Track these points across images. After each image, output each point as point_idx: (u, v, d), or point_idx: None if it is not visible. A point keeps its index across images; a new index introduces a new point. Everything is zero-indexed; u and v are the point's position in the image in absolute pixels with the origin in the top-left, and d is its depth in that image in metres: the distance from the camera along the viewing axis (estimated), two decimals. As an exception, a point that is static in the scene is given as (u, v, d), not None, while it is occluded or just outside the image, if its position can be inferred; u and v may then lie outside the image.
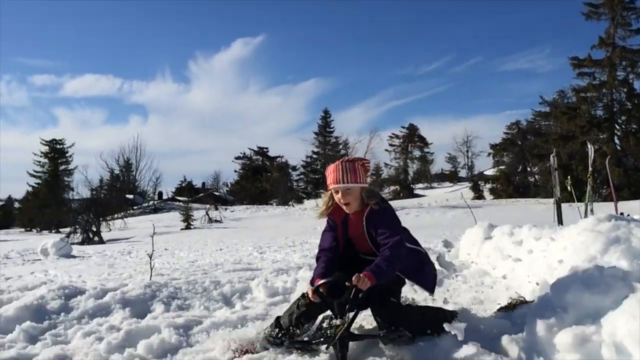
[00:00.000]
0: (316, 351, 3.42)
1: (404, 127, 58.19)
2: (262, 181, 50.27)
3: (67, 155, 50.41)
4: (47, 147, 49.78)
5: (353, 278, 3.25)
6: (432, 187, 55.08)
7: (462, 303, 4.64)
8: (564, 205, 10.16)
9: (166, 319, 4.63)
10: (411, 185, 53.76)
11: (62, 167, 50.02)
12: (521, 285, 4.86)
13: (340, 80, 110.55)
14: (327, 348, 3.31)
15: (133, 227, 35.11)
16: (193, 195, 54.46)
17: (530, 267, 5.00)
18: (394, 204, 35.84)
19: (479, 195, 44.87)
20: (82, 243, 24.95)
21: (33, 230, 40.01)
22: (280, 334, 3.55)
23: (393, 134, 57.89)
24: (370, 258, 3.59)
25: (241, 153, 60.96)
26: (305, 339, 3.53)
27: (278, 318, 3.72)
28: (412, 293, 4.63)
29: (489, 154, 53.36)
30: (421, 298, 4.53)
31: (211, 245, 17.58)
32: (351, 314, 3.32)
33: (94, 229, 27.31)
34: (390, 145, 56.61)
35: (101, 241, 25.71)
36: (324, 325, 3.70)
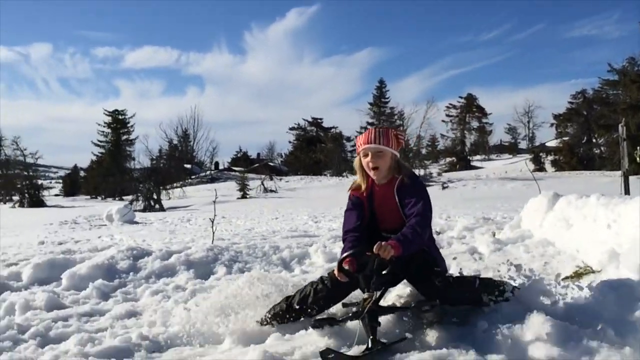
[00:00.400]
0: (343, 328, 3.18)
1: (461, 97, 56.81)
2: (316, 152, 50.45)
3: (129, 125, 52.08)
4: (109, 118, 51.54)
5: (375, 247, 3.01)
6: (490, 159, 53.71)
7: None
8: (631, 178, 9.71)
9: (228, 280, 4.76)
10: (468, 157, 52.57)
11: (124, 137, 51.72)
12: (588, 255, 4.70)
13: (396, 49, 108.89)
14: (359, 320, 3.03)
15: (191, 195, 36.12)
16: (248, 166, 55.32)
17: (597, 237, 4.82)
18: (449, 175, 35.35)
19: (539, 168, 43.43)
20: (143, 210, 25.88)
21: (98, 197, 41.82)
22: (288, 315, 3.39)
23: (450, 104, 56.64)
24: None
25: (295, 124, 61.25)
26: (332, 317, 3.30)
27: (288, 298, 3.50)
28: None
29: (552, 124, 51.37)
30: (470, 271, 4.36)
31: (267, 214, 17.88)
32: (378, 287, 3.07)
33: (155, 197, 28.25)
34: (447, 116, 55.47)
35: (162, 209, 26.60)
36: (351, 302, 3.40)
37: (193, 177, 51.52)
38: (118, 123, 51.37)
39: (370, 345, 2.84)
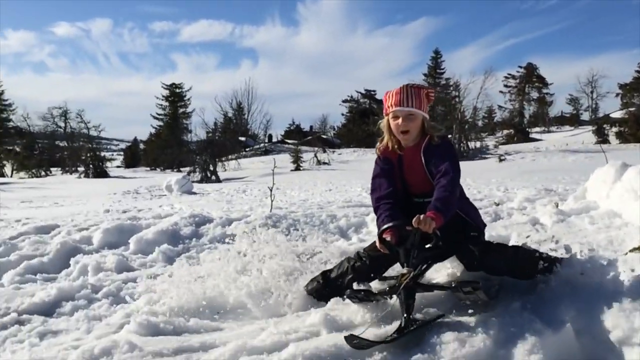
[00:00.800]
0: (379, 302, 3.02)
1: (521, 67, 54.86)
2: (369, 124, 50.02)
3: (186, 98, 53.19)
4: (167, 91, 52.77)
5: (413, 220, 2.80)
6: (549, 131, 51.74)
7: (590, 244, 4.42)
8: None
9: (287, 247, 4.84)
10: (527, 129, 50.90)
11: (181, 110, 52.91)
12: (658, 227, 4.51)
13: (452, 18, 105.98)
14: (390, 298, 2.90)
15: (245, 167, 36.72)
16: (301, 138, 55.57)
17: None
18: (506, 148, 34.40)
19: (603, 140, 41.59)
20: (200, 181, 26.56)
21: (157, 169, 43.14)
22: (325, 291, 3.32)
23: (509, 74, 54.79)
24: (427, 200, 3.05)
25: (348, 96, 60.85)
26: (368, 289, 3.16)
27: (325, 273, 3.45)
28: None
29: (617, 94, 49.05)
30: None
31: (320, 186, 18.01)
32: (419, 263, 2.92)
33: (211, 169, 28.88)
34: (506, 86, 53.75)
35: (218, 180, 27.22)
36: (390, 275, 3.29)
37: (247, 149, 52.28)
38: (175, 96, 52.52)
39: (403, 324, 2.68)
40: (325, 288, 3.34)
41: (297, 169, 32.64)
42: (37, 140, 50.30)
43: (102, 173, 34.84)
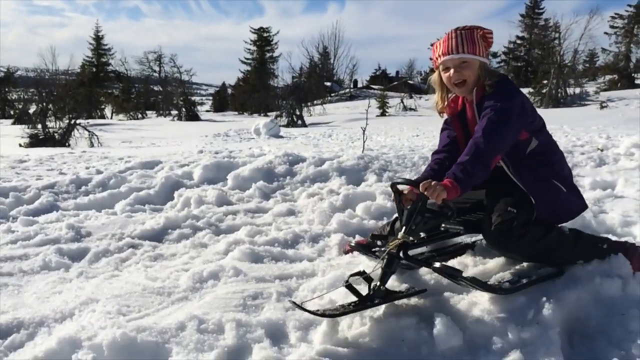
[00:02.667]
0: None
1: (630, 6, 50.11)
2: (458, 69, 48.18)
3: (273, 43, 53.46)
4: (255, 36, 53.24)
5: (421, 185, 2.45)
6: (658, 77, 47.60)
7: None
8: None
9: (379, 187, 4.87)
10: (632, 75, 47.02)
11: (268, 54, 53.34)
12: None
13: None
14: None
15: (331, 113, 36.75)
16: (387, 84, 54.59)
17: None
18: (609, 94, 32.05)
19: None
20: (287, 126, 26.93)
21: (244, 113, 44.14)
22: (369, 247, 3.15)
23: (616, 13, 50.09)
24: (498, 165, 2.71)
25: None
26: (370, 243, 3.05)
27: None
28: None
29: None
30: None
31: (407, 132, 17.76)
32: (414, 232, 2.58)
33: (297, 113, 29.16)
34: (611, 27, 49.34)
35: (304, 124, 27.47)
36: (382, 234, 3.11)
37: (332, 94, 52.18)
38: (263, 41, 52.90)
39: (366, 295, 2.38)
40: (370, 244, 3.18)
41: (383, 114, 32.24)
42: (134, 85, 52.73)
43: (193, 116, 36.15)
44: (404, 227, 2.53)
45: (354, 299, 2.39)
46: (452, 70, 2.76)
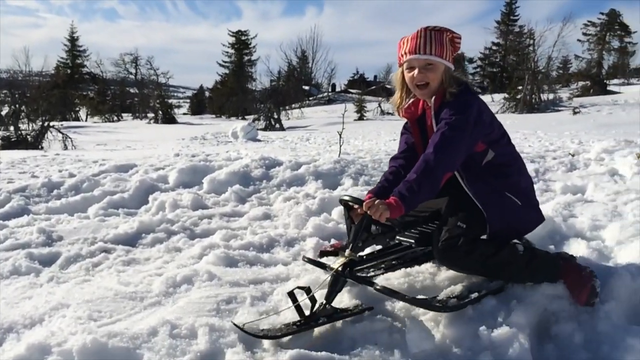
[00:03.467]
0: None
1: (602, 13, 51.20)
2: (435, 74, 48.64)
3: (251, 46, 53.32)
4: (233, 38, 53.02)
5: (365, 203, 2.39)
6: (629, 83, 48.46)
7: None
8: None
9: (356, 191, 4.90)
10: (605, 81, 48.00)
11: (246, 57, 53.16)
12: None
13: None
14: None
15: (309, 116, 36.77)
16: (365, 88, 54.84)
17: None
18: (581, 100, 32.67)
19: (689, 93, 38.78)
20: (264, 129, 26.87)
21: (222, 116, 43.89)
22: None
23: (589, 21, 51.22)
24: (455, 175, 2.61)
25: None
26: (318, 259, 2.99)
27: None
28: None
29: None
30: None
31: (384, 136, 17.85)
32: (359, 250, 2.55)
33: (275, 117, 29.12)
34: (584, 34, 50.40)
35: (282, 128, 27.46)
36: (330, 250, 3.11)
37: (311, 98, 52.21)
38: (241, 44, 52.71)
39: (312, 313, 2.37)
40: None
41: (361, 118, 32.39)
42: (110, 87, 52.08)
43: (170, 119, 35.82)
44: (350, 245, 2.49)
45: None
46: (416, 71, 2.61)
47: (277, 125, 28.39)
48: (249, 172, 5.51)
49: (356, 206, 2.54)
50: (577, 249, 3.13)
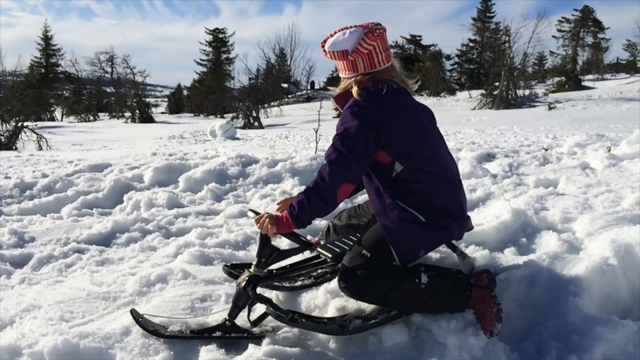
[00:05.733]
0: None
1: (576, 10, 51.96)
2: (413, 71, 48.94)
3: (229, 44, 52.97)
4: (210, 37, 52.62)
5: (256, 218, 2.32)
6: (603, 79, 49.31)
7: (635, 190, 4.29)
8: None
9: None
10: (579, 77, 48.75)
11: (224, 56, 52.81)
12: None
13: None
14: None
15: (288, 114, 36.73)
16: (344, 85, 54.77)
17: None
18: (557, 96, 33.13)
19: (660, 88, 39.58)
20: (243, 127, 26.77)
21: (200, 115, 43.61)
22: None
23: (563, 17, 51.91)
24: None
25: (393, 42, 59.29)
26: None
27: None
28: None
29: (679, 40, 46.04)
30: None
31: (363, 132, 17.90)
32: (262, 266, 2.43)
33: (254, 115, 29.01)
34: (559, 30, 51.07)
35: (260, 126, 27.36)
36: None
37: (289, 96, 52.12)
38: (218, 42, 52.34)
39: (212, 327, 2.34)
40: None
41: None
42: (85, 86, 51.33)
43: (147, 118, 35.49)
44: (256, 260, 2.41)
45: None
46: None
47: (256, 124, 28.29)
48: (225, 170, 5.48)
49: (252, 216, 2.41)
50: (548, 240, 3.18)
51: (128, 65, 46.14)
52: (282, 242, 3.14)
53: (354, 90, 2.34)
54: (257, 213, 2.39)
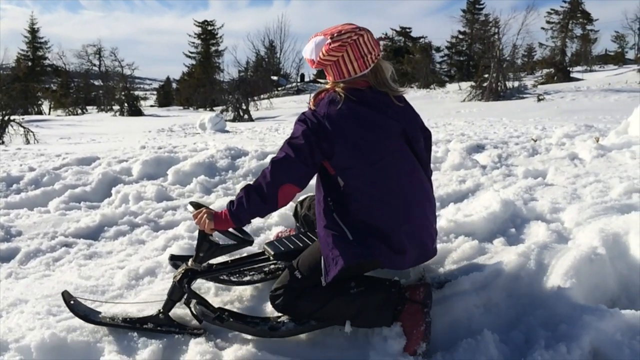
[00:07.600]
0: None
1: (565, 2, 52.24)
2: (403, 63, 48.99)
3: (218, 36, 52.73)
4: (199, 29, 52.35)
5: (194, 213, 2.33)
6: (592, 70, 49.60)
7: (632, 176, 4.32)
8: None
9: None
10: (568, 68, 48.99)
11: (213, 48, 52.58)
12: None
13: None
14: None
15: (278, 107, 36.62)
16: (334, 77, 54.66)
17: None
18: (546, 87, 33.25)
19: (648, 79, 39.85)
20: (233, 120, 26.65)
21: (190, 108, 43.41)
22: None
23: (552, 9, 52.14)
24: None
25: (382, 34, 59.23)
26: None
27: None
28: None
29: (666, 31, 46.36)
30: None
31: (353, 124, 17.89)
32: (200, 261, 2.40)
33: (244, 108, 28.90)
34: (548, 22, 51.29)
35: (250, 119, 27.27)
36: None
37: (279, 88, 51.98)
38: (207, 34, 52.11)
39: (148, 316, 2.33)
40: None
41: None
42: (73, 79, 50.90)
43: (136, 111, 35.25)
44: (194, 254, 2.38)
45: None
46: None
47: (246, 116, 28.18)
48: (214, 162, 5.45)
49: (191, 210, 2.40)
50: (537, 231, 3.19)
51: (116, 58, 45.86)
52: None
53: (319, 97, 2.31)
54: (198, 206, 2.35)
